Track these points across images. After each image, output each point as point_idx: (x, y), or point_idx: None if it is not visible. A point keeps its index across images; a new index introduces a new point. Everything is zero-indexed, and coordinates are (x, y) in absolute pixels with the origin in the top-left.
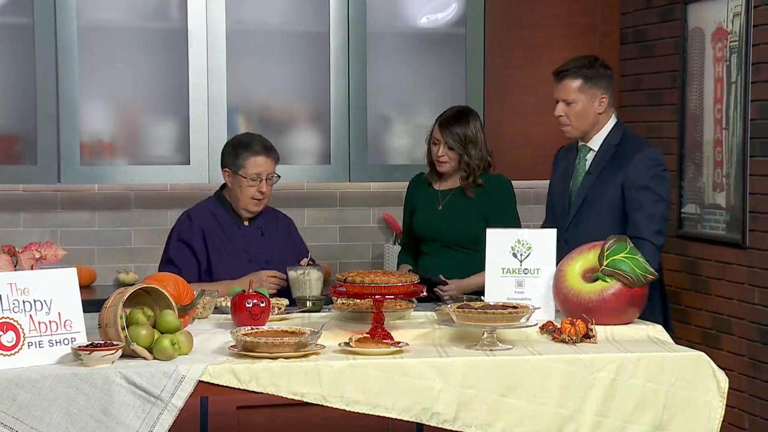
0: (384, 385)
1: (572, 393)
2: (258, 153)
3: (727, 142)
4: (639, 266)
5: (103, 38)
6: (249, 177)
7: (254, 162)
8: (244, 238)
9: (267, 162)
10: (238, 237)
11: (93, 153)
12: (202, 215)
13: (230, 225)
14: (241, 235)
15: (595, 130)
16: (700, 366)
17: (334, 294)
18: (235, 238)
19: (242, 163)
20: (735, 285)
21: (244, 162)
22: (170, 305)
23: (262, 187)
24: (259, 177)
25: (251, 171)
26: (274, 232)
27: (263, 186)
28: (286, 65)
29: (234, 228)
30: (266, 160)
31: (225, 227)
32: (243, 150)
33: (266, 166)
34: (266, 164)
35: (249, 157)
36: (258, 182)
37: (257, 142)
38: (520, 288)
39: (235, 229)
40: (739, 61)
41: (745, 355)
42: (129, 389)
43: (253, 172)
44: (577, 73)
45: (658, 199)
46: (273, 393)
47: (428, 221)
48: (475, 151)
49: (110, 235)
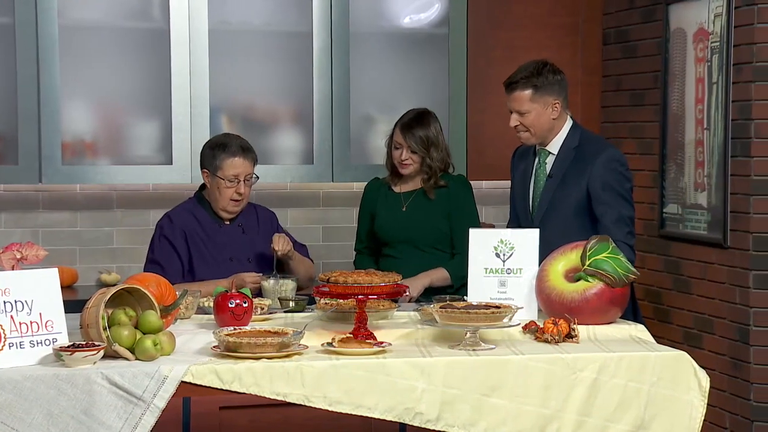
0: (367, 385)
1: (555, 392)
2: (235, 154)
3: (709, 143)
4: (621, 266)
5: (85, 38)
6: (226, 178)
7: (231, 163)
8: (225, 236)
9: (244, 163)
10: (219, 236)
11: (75, 153)
12: (182, 216)
13: (211, 224)
14: (221, 234)
15: (552, 135)
16: (681, 365)
17: (317, 294)
18: (215, 238)
19: (219, 164)
20: (716, 285)
21: (222, 163)
22: (152, 306)
23: (240, 189)
24: (236, 178)
25: (228, 172)
26: (255, 229)
27: (241, 187)
28: (269, 65)
29: (214, 227)
30: (243, 161)
31: (205, 227)
32: (220, 151)
33: (244, 168)
34: (244, 165)
35: (226, 159)
36: (236, 183)
37: (234, 143)
38: (503, 288)
39: (216, 228)
40: (721, 61)
41: (726, 354)
42: (111, 390)
43: (231, 173)
44: (527, 83)
45: (624, 200)
46: (256, 393)
47: (393, 223)
48: (437, 154)
49: (92, 236)
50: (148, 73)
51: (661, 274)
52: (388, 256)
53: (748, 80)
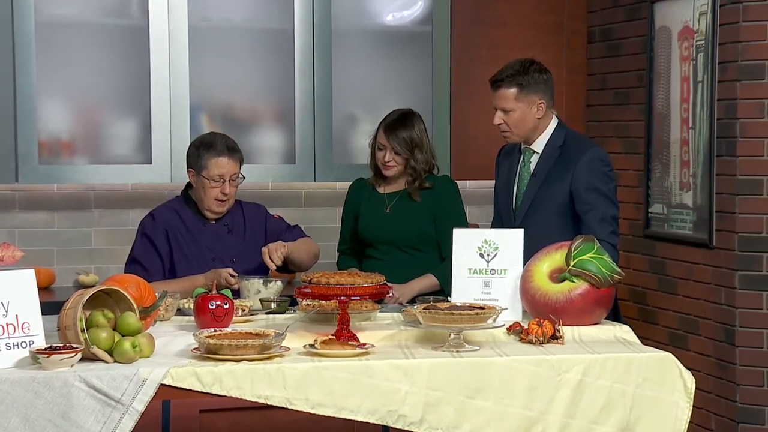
0: (349, 387)
1: (539, 394)
2: (221, 154)
3: (694, 142)
4: (606, 266)
5: (62, 34)
6: (211, 178)
7: (216, 163)
8: (209, 236)
9: (230, 163)
10: (203, 235)
11: (51, 152)
12: (166, 215)
13: (195, 223)
14: (205, 234)
15: (536, 134)
16: (666, 366)
17: (299, 295)
18: (199, 237)
19: (205, 164)
20: (702, 285)
21: (207, 163)
22: (131, 307)
23: (225, 189)
24: (221, 178)
25: (214, 172)
26: (242, 228)
27: (226, 187)
28: (250, 63)
29: (198, 226)
30: (229, 161)
31: (189, 226)
32: (205, 151)
33: (229, 167)
34: (229, 165)
35: (211, 158)
36: (221, 183)
37: (220, 142)
38: (487, 288)
39: (200, 228)
40: (706, 60)
41: (712, 355)
42: (89, 393)
43: (216, 173)
44: (512, 81)
45: (607, 200)
46: (236, 396)
47: (377, 224)
48: (421, 155)
49: (70, 236)
50: (126, 70)
51: (646, 274)
52: (371, 257)
53: (734, 79)
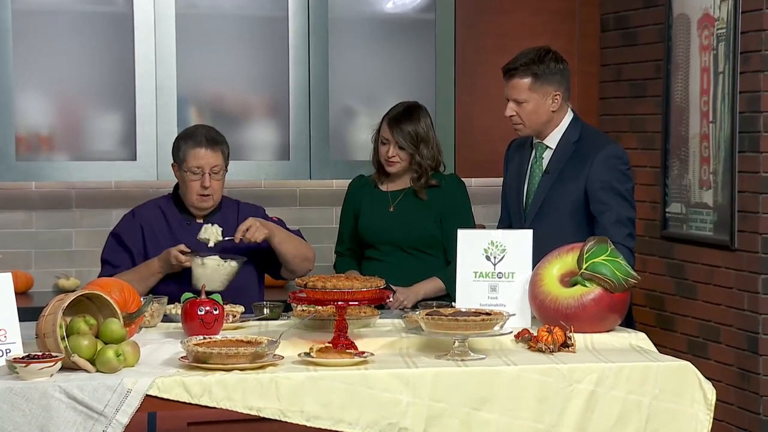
0: (347, 398)
1: (549, 406)
2: (199, 144)
3: (715, 137)
4: (621, 269)
5: (41, 23)
6: (190, 170)
7: (194, 154)
8: (192, 235)
9: (208, 154)
10: (184, 234)
11: (30, 148)
12: (148, 212)
13: (178, 222)
14: (188, 233)
15: (550, 128)
16: (685, 376)
17: (294, 300)
18: (180, 236)
19: (184, 156)
20: (723, 290)
21: (185, 155)
22: (115, 313)
23: (206, 182)
24: (200, 170)
25: (192, 164)
26: (232, 229)
27: (206, 180)
28: (242, 53)
29: (182, 225)
30: (207, 151)
31: (172, 224)
32: (184, 143)
33: (208, 159)
34: (208, 156)
35: (189, 150)
36: (200, 176)
37: (200, 133)
38: (494, 293)
39: (183, 227)
40: (727, 49)
41: (734, 364)
42: (69, 405)
43: (194, 165)
44: (526, 70)
45: (624, 200)
46: (227, 408)
47: (379, 223)
48: (427, 151)
49: (49, 237)
50: (109, 61)
51: (663, 278)
52: (371, 258)
53: (757, 69)
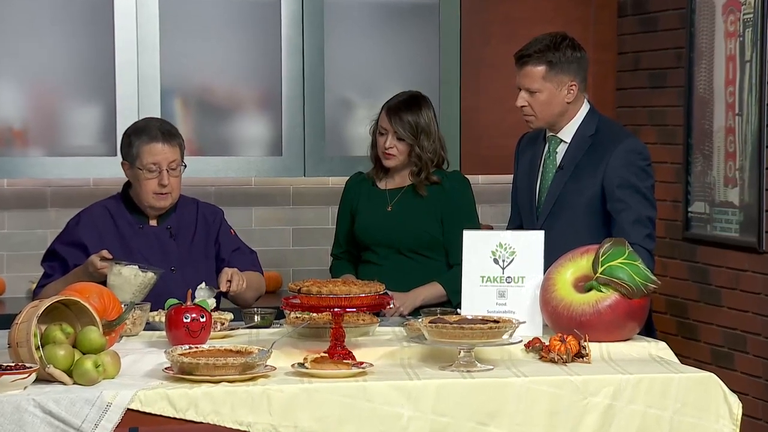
0: (344, 412)
1: (562, 421)
2: (154, 139)
3: (741, 130)
4: (639, 274)
5: (14, 8)
6: (146, 168)
7: (150, 150)
8: (144, 240)
9: (166, 149)
10: (136, 239)
11: (2, 142)
12: (93, 216)
13: (130, 225)
14: (140, 237)
15: (565, 120)
16: (709, 389)
17: (287, 307)
18: (131, 241)
19: (137, 152)
20: (750, 295)
21: (139, 151)
22: (94, 321)
23: (164, 179)
24: (157, 167)
25: (147, 160)
26: (190, 233)
27: (164, 177)
28: (230, 40)
29: (134, 229)
30: (164, 146)
31: (122, 228)
32: (137, 138)
33: (165, 154)
34: (164, 151)
35: (143, 145)
36: (157, 173)
37: (154, 127)
38: (502, 299)
39: (134, 230)
40: (755, 36)
41: (762, 376)
42: (44, 419)
43: (149, 161)
44: (541, 58)
45: (644, 199)
46: (214, 423)
47: (376, 224)
48: (428, 143)
49: (22, 239)
50: (87, 48)
51: (685, 283)
52: (369, 262)
53: None
